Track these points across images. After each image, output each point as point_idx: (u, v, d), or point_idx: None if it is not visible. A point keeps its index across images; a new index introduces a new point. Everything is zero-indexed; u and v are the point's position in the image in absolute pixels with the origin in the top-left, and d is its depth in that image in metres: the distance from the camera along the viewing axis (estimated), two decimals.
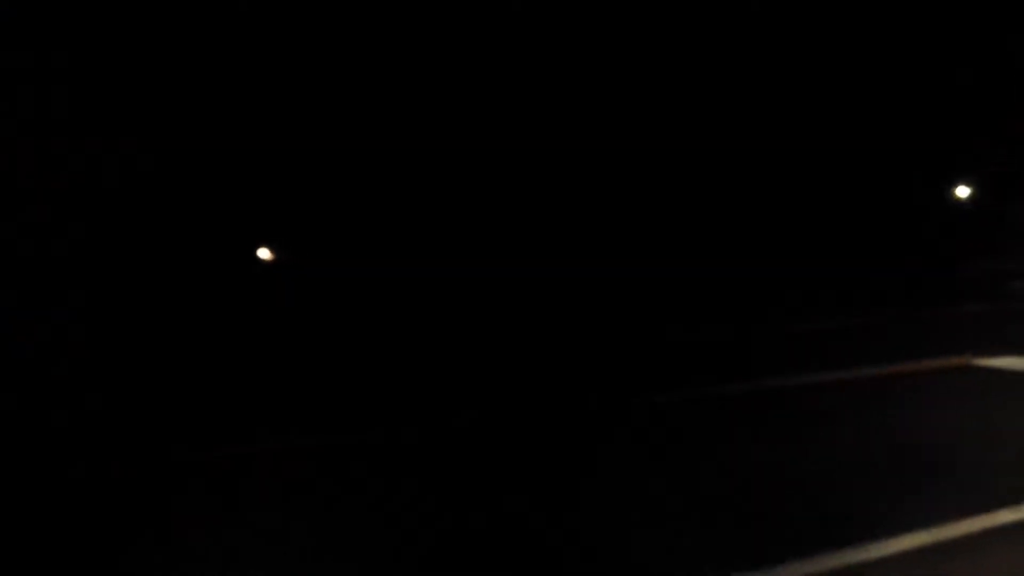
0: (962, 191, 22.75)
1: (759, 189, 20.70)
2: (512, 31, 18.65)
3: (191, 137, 16.48)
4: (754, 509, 5.60)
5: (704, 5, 20.62)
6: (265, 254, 18.54)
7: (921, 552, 4.84)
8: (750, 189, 20.61)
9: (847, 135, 21.24)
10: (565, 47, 19.15)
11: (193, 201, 16.04)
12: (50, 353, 11.27)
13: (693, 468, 6.57)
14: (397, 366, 11.71)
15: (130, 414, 9.20)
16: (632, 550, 5.01)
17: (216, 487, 6.71)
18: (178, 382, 10.51)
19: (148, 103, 16.12)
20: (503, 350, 12.59)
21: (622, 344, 12.56)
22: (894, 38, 22.20)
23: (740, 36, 20.75)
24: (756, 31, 21.06)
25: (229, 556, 5.22)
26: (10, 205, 14.46)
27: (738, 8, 20.97)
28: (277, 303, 14.44)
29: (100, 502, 6.52)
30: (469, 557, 5.05)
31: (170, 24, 16.39)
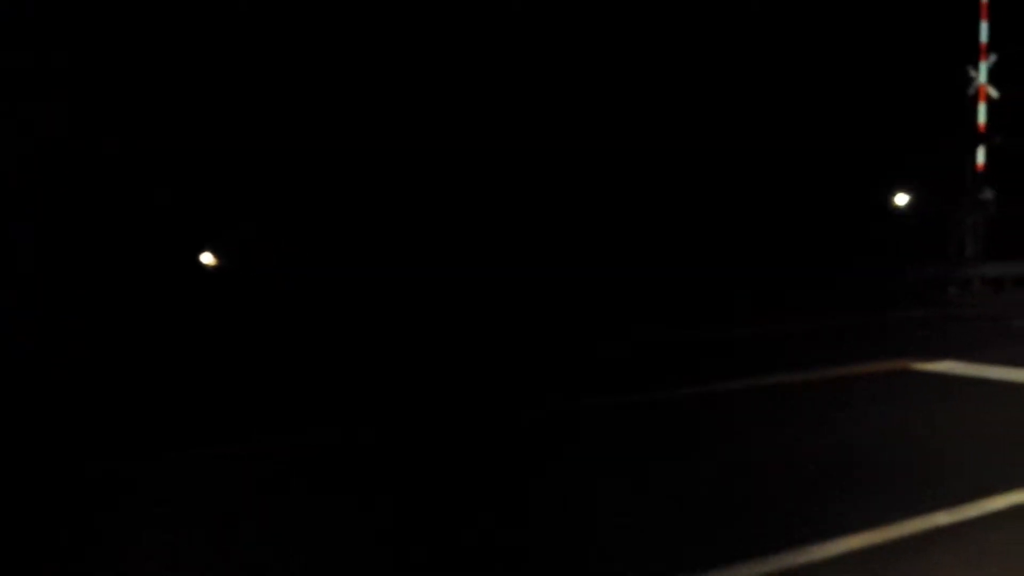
0: (902, 198, 23.22)
1: (696, 189, 20.52)
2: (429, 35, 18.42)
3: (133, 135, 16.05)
4: (692, 513, 5.58)
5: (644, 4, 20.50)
6: (208, 259, 18.23)
7: (858, 555, 4.84)
8: (685, 189, 20.41)
9: (785, 136, 21.14)
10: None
11: (129, 201, 15.65)
12: None
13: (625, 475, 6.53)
14: (334, 371, 11.33)
15: (57, 420, 8.80)
16: (569, 556, 4.94)
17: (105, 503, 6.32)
18: (109, 387, 10.07)
19: (88, 99, 15.67)
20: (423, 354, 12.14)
21: (541, 350, 12.14)
22: (836, 43, 22.51)
23: (683, 36, 20.69)
24: (704, 30, 21.07)
25: None
26: None
27: (681, 6, 20.96)
28: (219, 308, 14.11)
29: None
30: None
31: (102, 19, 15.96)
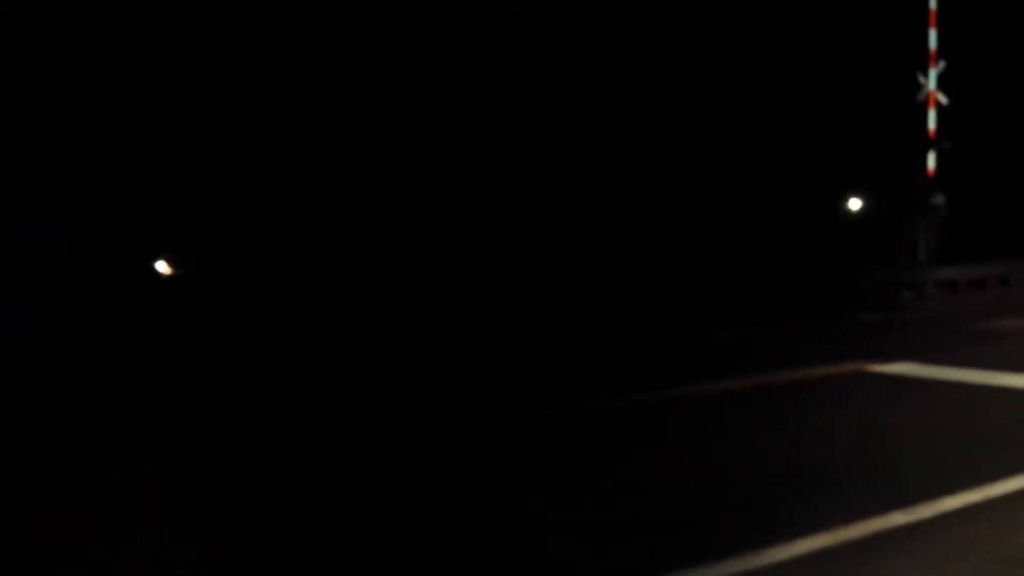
0: (855, 203, 23.56)
1: (640, 191, 20.00)
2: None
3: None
4: (643, 518, 5.58)
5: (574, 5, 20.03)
6: (163, 267, 17.92)
7: (814, 557, 4.88)
8: (628, 190, 19.91)
9: (734, 136, 20.76)
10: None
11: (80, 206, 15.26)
12: None
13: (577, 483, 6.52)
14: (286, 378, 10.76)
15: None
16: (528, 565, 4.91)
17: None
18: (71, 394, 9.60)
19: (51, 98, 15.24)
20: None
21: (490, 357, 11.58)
22: (786, 47, 22.55)
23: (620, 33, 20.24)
24: (641, 30, 20.75)
25: None
26: None
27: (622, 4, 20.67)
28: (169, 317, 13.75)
29: None
30: None
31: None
